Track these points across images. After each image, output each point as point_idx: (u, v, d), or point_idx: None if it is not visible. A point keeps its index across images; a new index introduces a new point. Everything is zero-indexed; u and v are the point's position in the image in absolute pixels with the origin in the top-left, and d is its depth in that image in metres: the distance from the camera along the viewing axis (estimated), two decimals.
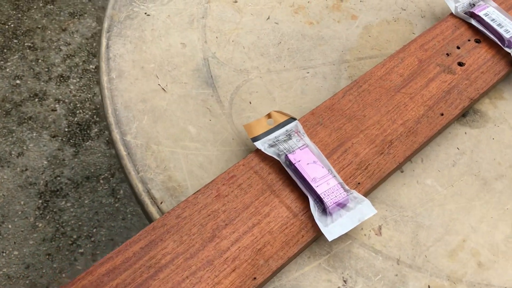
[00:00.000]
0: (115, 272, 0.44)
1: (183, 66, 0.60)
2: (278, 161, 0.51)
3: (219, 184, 0.49)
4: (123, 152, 0.53)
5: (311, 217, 0.48)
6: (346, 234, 0.49)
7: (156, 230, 0.46)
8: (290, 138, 0.51)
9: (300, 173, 0.49)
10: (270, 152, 0.50)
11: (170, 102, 0.57)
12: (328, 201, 0.47)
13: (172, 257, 0.45)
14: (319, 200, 0.48)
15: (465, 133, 0.58)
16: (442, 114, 0.56)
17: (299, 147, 0.50)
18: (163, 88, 0.58)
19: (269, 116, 0.53)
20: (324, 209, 0.47)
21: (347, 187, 0.49)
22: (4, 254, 1.17)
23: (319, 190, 0.48)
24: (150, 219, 0.50)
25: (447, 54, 0.61)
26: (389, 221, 0.51)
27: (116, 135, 0.54)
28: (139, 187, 0.51)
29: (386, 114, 0.55)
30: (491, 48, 0.62)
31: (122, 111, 0.56)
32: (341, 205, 0.47)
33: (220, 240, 0.46)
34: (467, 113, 0.59)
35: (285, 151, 0.50)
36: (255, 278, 0.44)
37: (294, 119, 0.53)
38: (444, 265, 0.48)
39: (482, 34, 0.63)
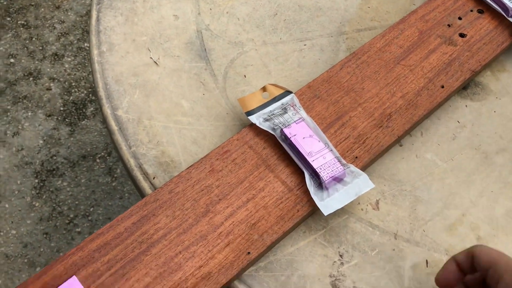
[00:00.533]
0: (106, 248, 0.43)
1: (176, 38, 0.58)
2: (273, 135, 0.49)
3: (212, 159, 0.48)
4: (114, 127, 0.51)
5: (306, 192, 0.47)
6: (342, 208, 0.48)
7: (148, 205, 0.45)
8: (285, 112, 0.50)
9: (296, 147, 0.47)
10: (265, 126, 0.49)
11: (162, 76, 0.55)
12: (324, 175, 0.46)
13: (164, 232, 0.44)
14: (315, 175, 0.46)
15: (466, 106, 0.56)
16: (442, 87, 0.54)
17: (294, 121, 0.49)
18: (155, 62, 0.56)
19: (264, 89, 0.52)
20: (320, 184, 0.46)
21: (344, 161, 0.48)
22: (1, 233, 1.17)
23: (315, 165, 0.46)
24: (142, 194, 0.49)
25: (448, 25, 0.59)
26: (387, 196, 0.49)
27: (107, 110, 0.52)
28: (131, 162, 0.50)
29: (385, 86, 0.54)
30: (494, 19, 0.60)
31: (113, 85, 0.54)
32: (338, 180, 0.46)
33: (214, 215, 0.45)
34: (468, 86, 0.58)
35: (280, 125, 0.49)
36: (249, 252, 0.44)
37: (290, 92, 0.51)
38: (442, 240, 0.47)
39: (485, 4, 0.61)
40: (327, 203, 0.46)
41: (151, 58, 0.56)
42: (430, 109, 0.53)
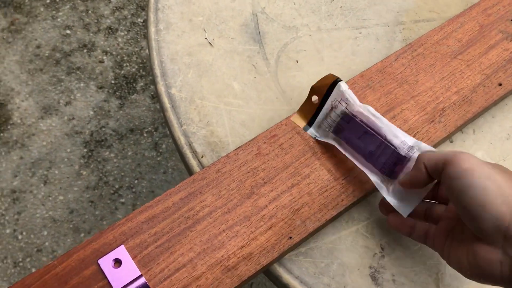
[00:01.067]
0: (154, 221, 0.44)
1: (231, 20, 0.59)
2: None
3: (260, 142, 0.49)
4: (167, 104, 0.53)
5: (352, 182, 0.47)
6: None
7: (196, 182, 0.46)
8: (336, 111, 0.47)
9: (352, 151, 0.46)
10: (321, 136, 0.48)
11: (216, 57, 0.56)
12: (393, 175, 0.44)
13: (210, 210, 0.45)
14: (385, 177, 0.44)
15: None
16: (500, 84, 0.53)
17: (345, 120, 0.47)
18: (209, 43, 0.57)
19: (312, 93, 0.49)
20: (390, 180, 0.44)
21: (405, 150, 0.44)
22: (50, 198, 1.22)
23: (378, 167, 0.45)
24: (190, 172, 0.50)
25: None
26: None
27: (161, 88, 0.54)
28: (182, 140, 0.51)
29: (440, 80, 0.53)
30: None
31: (168, 63, 0.55)
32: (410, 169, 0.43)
33: (258, 198, 0.46)
34: None
35: (332, 130, 0.47)
36: (291, 237, 0.44)
37: (338, 80, 0.47)
38: None
39: None
40: (406, 204, 0.43)
41: (206, 38, 0.57)
42: (485, 107, 0.52)
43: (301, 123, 0.49)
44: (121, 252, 0.43)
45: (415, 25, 0.60)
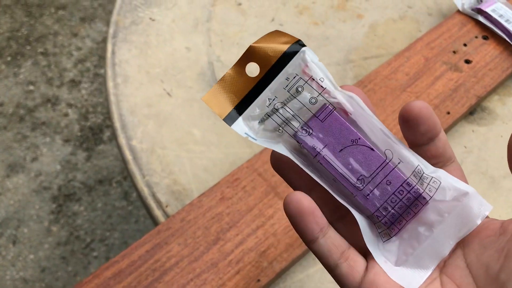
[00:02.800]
0: (121, 276, 0.44)
1: (188, 70, 0.60)
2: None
3: (223, 187, 0.50)
4: (128, 156, 0.53)
5: None
6: None
7: (161, 233, 0.47)
8: (294, 96, 0.26)
9: (330, 172, 0.26)
10: (262, 138, 0.26)
11: (175, 106, 0.57)
12: (397, 222, 0.27)
13: (176, 260, 0.45)
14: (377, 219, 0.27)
15: (473, 131, 0.57)
16: (448, 113, 0.55)
17: (316, 114, 0.26)
18: (168, 93, 0.58)
19: (247, 56, 0.26)
20: (388, 234, 0.27)
21: (428, 174, 0.26)
22: (20, 258, 1.19)
23: (371, 207, 0.26)
24: (156, 222, 0.50)
25: (454, 52, 0.60)
26: None
27: (122, 140, 0.54)
28: (145, 191, 0.51)
29: (391, 113, 0.55)
30: (499, 45, 0.61)
31: (128, 116, 0.56)
32: (421, 218, 0.27)
33: (225, 243, 0.46)
34: (474, 111, 0.59)
35: (290, 129, 0.26)
36: (259, 280, 0.44)
37: (300, 44, 0.26)
38: None
39: (489, 30, 0.62)
40: (408, 270, 0.26)
41: (164, 89, 0.58)
42: None
43: (221, 107, 0.26)
44: None
45: (364, 62, 0.62)
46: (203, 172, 0.53)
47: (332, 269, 0.26)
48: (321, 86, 0.26)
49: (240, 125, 0.26)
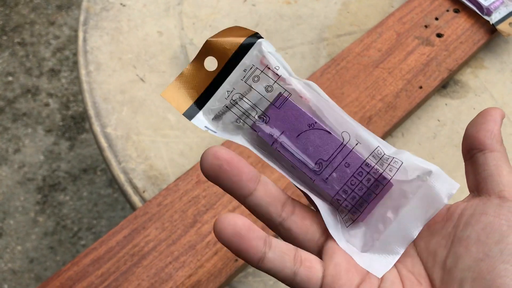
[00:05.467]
0: (100, 262, 0.45)
1: (161, 54, 0.60)
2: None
3: (199, 170, 0.50)
4: (104, 144, 0.53)
5: (297, 197, 0.48)
6: None
7: (138, 218, 0.47)
8: (252, 86, 0.26)
9: (288, 159, 0.26)
10: (222, 131, 0.26)
11: (148, 92, 0.57)
12: (358, 207, 0.26)
13: (154, 244, 0.46)
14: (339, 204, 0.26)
15: (446, 104, 0.58)
16: (420, 87, 0.56)
17: (273, 102, 0.26)
18: (141, 78, 0.58)
19: (205, 51, 0.26)
20: (351, 219, 0.27)
21: (386, 154, 0.26)
22: (8, 250, 1.19)
23: (331, 192, 0.26)
24: (134, 208, 0.51)
25: (426, 26, 0.61)
26: None
27: (97, 128, 0.54)
28: (121, 178, 0.51)
29: (364, 90, 0.55)
30: (470, 17, 0.61)
31: (102, 103, 0.56)
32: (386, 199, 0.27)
33: (202, 225, 0.47)
34: (447, 84, 0.59)
35: (249, 120, 0.26)
36: (236, 259, 0.45)
37: (257, 37, 0.26)
38: None
39: (460, 3, 0.62)
40: (375, 255, 0.26)
41: (137, 75, 0.58)
42: (409, 110, 0.55)
43: (181, 103, 0.26)
44: None
45: (338, 40, 0.63)
46: (179, 157, 0.53)
47: (291, 280, 0.25)
48: (277, 74, 0.26)
49: (200, 119, 0.26)
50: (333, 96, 0.55)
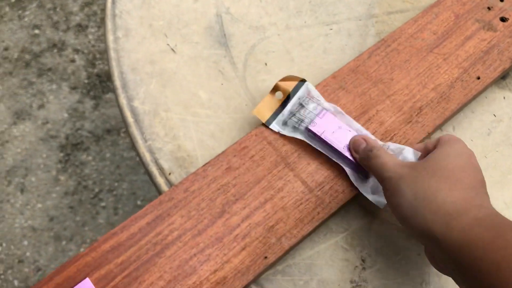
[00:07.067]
0: (120, 249, 0.42)
1: (194, 23, 0.55)
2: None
3: (230, 156, 0.46)
4: (130, 119, 0.50)
5: (328, 193, 0.44)
6: (366, 210, 0.46)
7: (163, 204, 0.44)
8: (304, 107, 0.47)
9: (329, 144, 0.45)
10: (290, 132, 0.46)
11: (180, 64, 0.53)
12: None
13: (179, 233, 0.43)
14: (357, 167, 0.45)
15: (504, 97, 0.52)
16: (478, 78, 0.50)
17: (317, 115, 0.46)
18: (172, 49, 0.54)
19: (275, 89, 0.48)
20: (366, 175, 0.44)
21: (380, 142, 0.45)
22: (28, 206, 1.19)
23: (353, 158, 0.45)
24: (158, 189, 0.48)
25: (489, 8, 0.55)
26: None
27: (123, 101, 0.51)
28: (147, 157, 0.48)
29: (416, 77, 0.50)
30: None
31: (129, 74, 0.52)
32: None
33: (230, 216, 0.43)
34: (507, 75, 0.54)
35: (303, 124, 0.46)
36: (266, 257, 0.42)
37: (303, 81, 0.48)
38: None
39: None
40: (381, 195, 0.43)
41: (168, 44, 0.54)
42: (464, 103, 0.49)
43: (263, 117, 0.47)
44: (86, 286, 0.40)
45: (388, 17, 0.57)
46: (209, 138, 0.49)
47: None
48: (318, 100, 0.47)
49: (274, 125, 0.47)
50: (381, 82, 0.50)
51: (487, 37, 0.53)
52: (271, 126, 0.47)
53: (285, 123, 0.47)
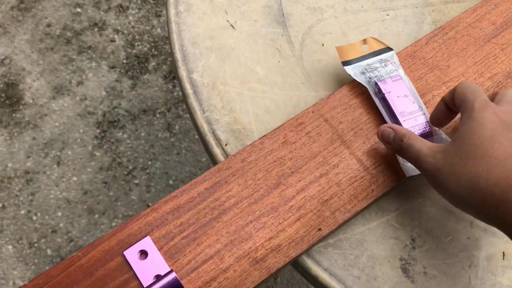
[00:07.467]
0: (180, 211, 0.43)
1: (254, 1, 0.56)
2: (351, 111, 0.48)
3: (286, 130, 0.47)
4: (189, 90, 0.51)
5: (382, 172, 0.45)
6: (418, 191, 0.47)
7: (222, 172, 0.45)
8: (383, 67, 0.49)
9: (389, 104, 0.47)
10: (360, 78, 0.48)
11: (238, 41, 0.54)
12: None
13: (236, 200, 0.44)
14: None
15: None
16: None
17: (391, 77, 0.48)
18: (231, 25, 0.55)
19: (364, 42, 0.51)
20: None
21: (436, 128, 0.46)
22: (64, 179, 1.22)
23: (405, 125, 0.45)
24: (214, 160, 0.49)
25: None
26: None
27: (183, 72, 0.52)
28: (205, 127, 0.49)
29: (472, 65, 0.51)
30: None
31: (189, 47, 0.53)
32: None
33: (286, 188, 0.45)
34: None
35: (375, 78, 0.48)
36: (320, 229, 0.43)
37: (391, 49, 0.50)
38: None
39: None
40: (412, 166, 0.44)
41: (228, 21, 0.55)
42: None
43: (343, 57, 0.50)
44: (147, 243, 0.42)
45: (445, 7, 0.57)
46: (265, 113, 0.50)
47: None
48: (398, 68, 0.49)
49: (349, 69, 0.49)
50: (437, 68, 0.50)
51: None
52: (345, 67, 0.49)
53: (360, 73, 0.49)
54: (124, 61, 1.36)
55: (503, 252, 0.44)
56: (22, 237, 1.15)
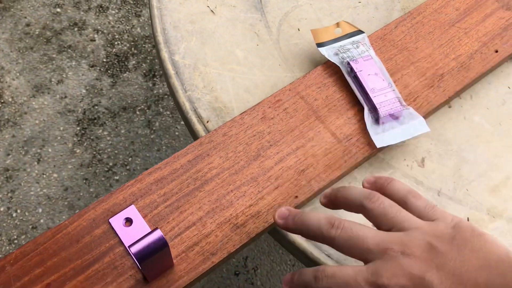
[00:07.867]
0: (163, 182, 0.45)
1: None
2: (325, 89, 0.51)
3: (265, 107, 0.50)
4: (171, 71, 0.53)
5: (354, 144, 0.48)
6: (388, 163, 0.49)
7: (203, 145, 0.47)
8: (355, 48, 0.52)
9: (360, 81, 0.50)
10: (333, 59, 0.52)
11: (218, 25, 0.57)
12: (382, 111, 0.48)
13: (217, 171, 0.46)
14: (374, 110, 0.49)
15: None
16: (496, 51, 0.54)
17: (362, 57, 0.51)
18: (211, 10, 0.57)
19: (337, 25, 0.54)
20: (377, 119, 0.49)
21: (404, 103, 0.49)
22: (44, 176, 1.22)
23: (375, 100, 0.49)
24: (195, 137, 0.51)
25: None
26: (433, 154, 0.50)
27: (165, 54, 0.54)
28: (187, 106, 0.52)
29: (438, 47, 0.54)
30: None
31: (171, 30, 0.56)
32: (395, 117, 0.49)
33: (265, 159, 0.47)
34: None
35: (348, 58, 0.51)
36: (296, 196, 0.45)
37: (362, 32, 0.53)
38: (485, 200, 0.48)
39: None
40: (382, 137, 0.48)
41: (208, 6, 0.58)
42: (482, 73, 0.53)
43: (317, 39, 0.53)
44: (131, 211, 0.44)
45: None
46: (245, 92, 0.53)
47: None
48: (369, 49, 0.52)
49: (323, 50, 0.53)
50: (406, 50, 0.54)
51: (506, 16, 0.57)
52: (320, 49, 0.52)
53: (333, 54, 0.52)
54: (104, 60, 1.37)
55: (468, 218, 0.47)
56: (1, 233, 1.15)
